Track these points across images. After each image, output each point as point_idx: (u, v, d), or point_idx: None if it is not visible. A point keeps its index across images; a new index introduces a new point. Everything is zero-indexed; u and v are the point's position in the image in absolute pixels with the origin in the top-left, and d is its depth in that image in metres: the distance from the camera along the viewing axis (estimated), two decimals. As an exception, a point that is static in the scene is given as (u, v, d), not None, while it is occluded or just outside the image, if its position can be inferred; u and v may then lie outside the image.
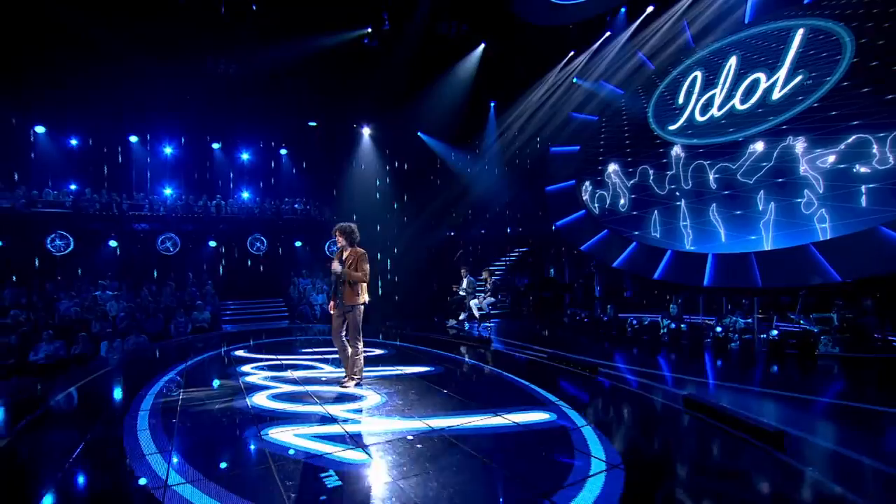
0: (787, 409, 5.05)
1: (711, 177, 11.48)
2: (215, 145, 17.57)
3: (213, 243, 15.32)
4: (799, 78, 9.92)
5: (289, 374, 6.26)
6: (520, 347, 8.39)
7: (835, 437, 4.30)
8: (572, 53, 14.12)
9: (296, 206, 17.12)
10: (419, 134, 17.09)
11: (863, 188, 8.88)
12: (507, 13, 12.33)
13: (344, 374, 5.68)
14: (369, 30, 12.70)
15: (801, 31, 9.93)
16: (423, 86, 14.44)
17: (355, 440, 3.82)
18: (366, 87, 14.48)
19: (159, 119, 15.59)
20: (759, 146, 10.51)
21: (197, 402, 5.03)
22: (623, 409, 4.98)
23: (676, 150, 12.38)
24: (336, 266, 5.42)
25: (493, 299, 11.24)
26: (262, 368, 6.62)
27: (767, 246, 10.26)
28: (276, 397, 5.12)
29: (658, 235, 12.69)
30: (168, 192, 16.52)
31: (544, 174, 16.30)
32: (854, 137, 9.01)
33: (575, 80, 14.55)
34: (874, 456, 3.57)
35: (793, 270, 9.56)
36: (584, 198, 15.13)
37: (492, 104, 16.39)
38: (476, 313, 11.17)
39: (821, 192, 9.44)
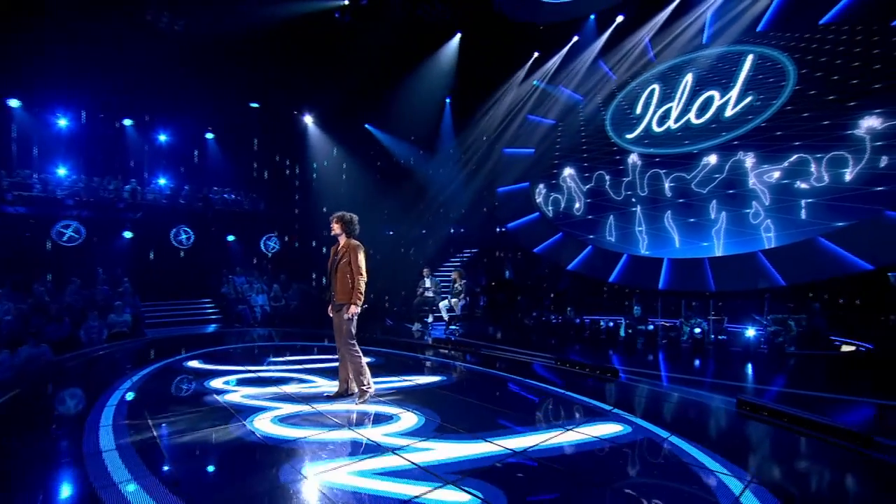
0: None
1: (667, 185, 12.12)
2: (127, 121, 15.07)
3: (128, 234, 13.06)
4: (749, 98, 10.80)
5: (279, 389, 5.28)
6: (508, 350, 8.06)
7: None
8: (536, 55, 14.20)
9: (227, 196, 15.27)
10: (367, 126, 16.16)
11: (802, 202, 9.85)
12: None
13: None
14: (346, 1, 11.59)
15: (751, 57, 10.83)
16: (386, 75, 13.60)
17: (436, 474, 3.16)
18: (318, 69, 13.27)
19: (47, 83, 12.80)
20: (712, 159, 11.27)
21: (182, 433, 3.96)
22: (688, 413, 4.79)
23: (633, 158, 12.92)
24: (354, 311, 4.70)
25: (465, 301, 10.83)
26: (238, 384, 5.53)
27: (719, 252, 11.02)
28: (285, 421, 4.23)
29: (613, 240, 13.14)
30: (62, 171, 13.82)
31: (497, 175, 16.25)
32: (796, 156, 9.98)
33: (535, 82, 14.66)
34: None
35: (743, 275, 10.35)
36: (537, 200, 15.30)
37: (447, 100, 15.98)
38: (445, 315, 10.66)
39: (767, 204, 10.32)
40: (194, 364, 6.72)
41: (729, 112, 11.11)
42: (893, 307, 8.16)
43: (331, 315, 4.90)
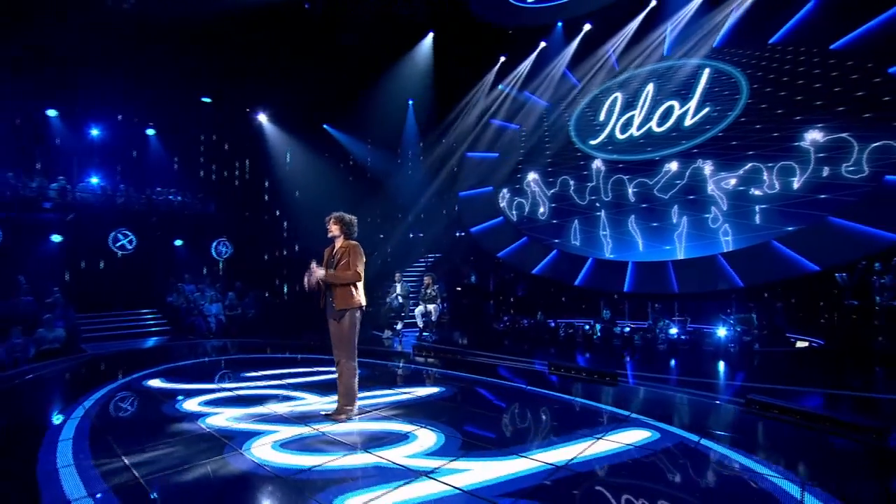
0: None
1: (630, 190, 12.53)
2: (51, 112, 13.47)
3: (57, 238, 11.59)
4: (707, 109, 11.41)
5: (266, 409, 4.76)
6: (495, 357, 7.88)
7: None
8: (503, 59, 14.26)
9: (173, 197, 14.02)
10: (325, 127, 15.54)
11: (756, 208, 10.51)
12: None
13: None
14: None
15: (707, 70, 11.45)
16: (352, 73, 13.10)
17: (486, 498, 2.89)
18: (279, 63, 12.54)
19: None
20: (673, 166, 11.79)
21: (170, 471, 3.40)
22: (704, 415, 4.79)
23: (597, 164, 13.27)
24: (318, 273, 4.31)
25: (441, 307, 10.55)
26: (216, 404, 4.94)
27: (681, 255, 11.52)
28: (287, 446, 3.78)
29: (578, 244, 13.40)
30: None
31: (459, 179, 16.15)
32: (750, 165, 10.64)
33: (501, 86, 14.71)
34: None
35: (704, 277, 10.86)
36: (501, 205, 15.35)
37: (410, 102, 15.70)
38: (420, 322, 10.33)
39: (725, 209, 10.92)
40: (156, 383, 5.97)
41: (688, 122, 11.68)
42: (839, 305, 8.80)
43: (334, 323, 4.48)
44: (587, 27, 12.50)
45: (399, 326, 10.63)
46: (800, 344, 8.97)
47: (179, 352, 8.89)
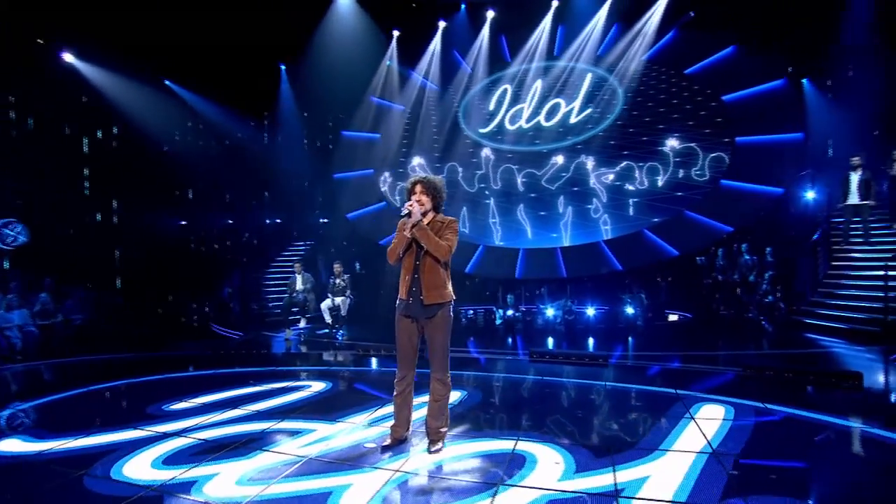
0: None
1: (519, 180, 13.03)
2: None
3: None
4: (589, 110, 12.55)
5: (283, 451, 3.19)
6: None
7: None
8: (397, 34, 13.11)
9: None
10: (166, 83, 12.11)
11: (630, 201, 12.05)
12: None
13: (389, 430, 3.37)
14: None
15: (590, 75, 12.59)
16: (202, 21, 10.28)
17: None
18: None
19: None
20: (559, 159, 12.66)
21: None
22: (748, 384, 4.95)
23: (486, 152, 13.42)
24: (416, 209, 3.13)
25: (352, 299, 9.07)
26: (187, 459, 3.11)
27: (567, 243, 12.48)
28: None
29: (468, 231, 13.39)
30: None
31: (335, 159, 14.50)
32: (624, 163, 12.12)
33: (389, 62, 13.61)
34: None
35: (589, 263, 11.98)
36: (383, 189, 14.35)
37: (282, 67, 13.29)
38: (328, 318, 8.76)
39: (604, 201, 12.22)
40: (17, 446, 3.48)
41: (573, 119, 12.68)
42: (699, 284, 10.61)
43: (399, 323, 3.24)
44: (490, 14, 12.44)
45: (303, 324, 8.89)
46: (671, 318, 10.57)
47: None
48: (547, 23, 12.41)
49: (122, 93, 11.20)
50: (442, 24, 12.84)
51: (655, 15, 11.63)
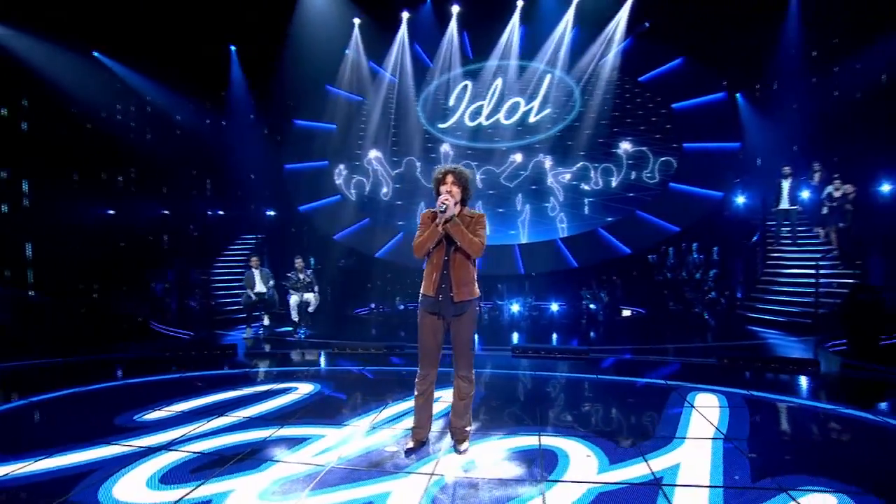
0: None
1: (478, 177, 13.05)
2: None
3: None
4: (548, 111, 12.85)
5: (294, 463, 2.90)
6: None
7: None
8: (359, 21, 12.57)
9: None
10: (95, 55, 10.85)
11: (586, 201, 12.50)
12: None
13: (409, 436, 3.19)
14: None
15: (549, 76, 12.88)
16: None
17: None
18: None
19: None
20: (518, 157, 12.85)
21: None
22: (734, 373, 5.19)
23: (445, 148, 13.34)
24: (449, 200, 2.95)
25: (316, 296, 8.56)
26: (187, 476, 2.73)
27: (524, 240, 12.71)
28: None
29: (427, 227, 13.23)
30: None
31: (287, 149, 13.75)
32: (581, 164, 12.54)
33: (347, 50, 13.08)
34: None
35: (546, 259, 12.28)
36: (338, 182, 13.82)
37: (232, 49, 12.30)
38: (295, 315, 8.23)
39: (561, 200, 12.58)
40: None
41: (532, 119, 12.92)
42: (652, 281, 11.21)
43: (426, 320, 3.07)
44: (456, 9, 12.31)
45: (267, 322, 8.31)
46: (625, 313, 11.08)
47: None
48: (513, 23, 12.52)
49: (38, 59, 9.84)
50: (406, 15, 12.55)
51: (615, 23, 12.11)
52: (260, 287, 8.31)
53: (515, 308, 9.99)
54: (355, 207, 13.54)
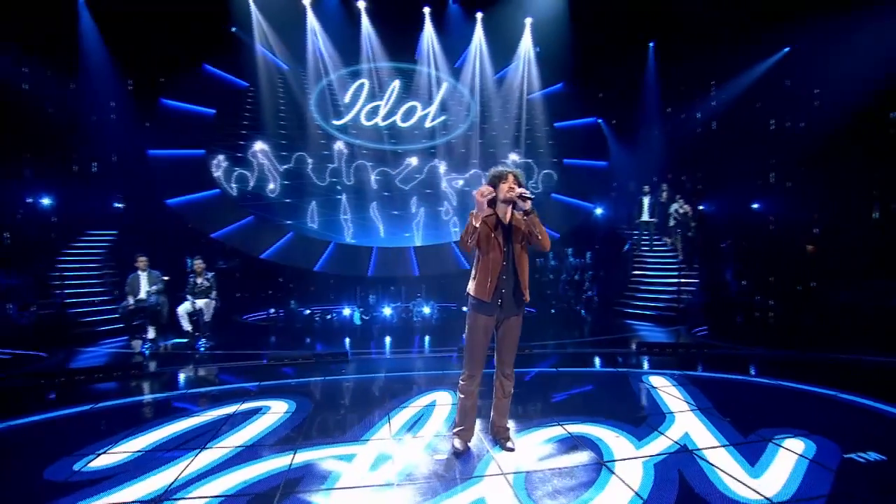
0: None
1: (373, 177, 12.84)
2: None
3: None
4: (444, 117, 13.22)
5: (354, 485, 2.55)
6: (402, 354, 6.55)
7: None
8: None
9: None
10: None
11: (477, 206, 13.16)
12: None
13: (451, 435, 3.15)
14: None
15: (446, 84, 13.26)
16: None
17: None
18: None
19: None
20: (413, 160, 12.97)
21: None
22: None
23: (340, 146, 12.78)
24: (520, 191, 2.97)
25: (218, 302, 7.27)
26: None
27: (419, 242, 12.88)
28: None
29: (317, 226, 12.56)
30: None
31: (152, 132, 11.54)
32: (473, 171, 13.22)
33: (233, 28, 11.56)
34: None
35: (440, 261, 12.63)
36: (216, 174, 12.15)
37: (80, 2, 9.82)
38: (187, 325, 6.96)
39: (455, 205, 13.08)
40: None
41: (428, 124, 13.14)
42: (539, 282, 12.35)
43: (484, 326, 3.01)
44: (362, 4, 11.83)
45: (152, 335, 6.86)
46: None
47: None
48: (426, 28, 12.63)
49: None
50: (308, 1, 11.66)
51: (514, 41, 13.09)
52: (143, 293, 6.90)
53: (427, 310, 10.04)
54: (237, 203, 12.07)
